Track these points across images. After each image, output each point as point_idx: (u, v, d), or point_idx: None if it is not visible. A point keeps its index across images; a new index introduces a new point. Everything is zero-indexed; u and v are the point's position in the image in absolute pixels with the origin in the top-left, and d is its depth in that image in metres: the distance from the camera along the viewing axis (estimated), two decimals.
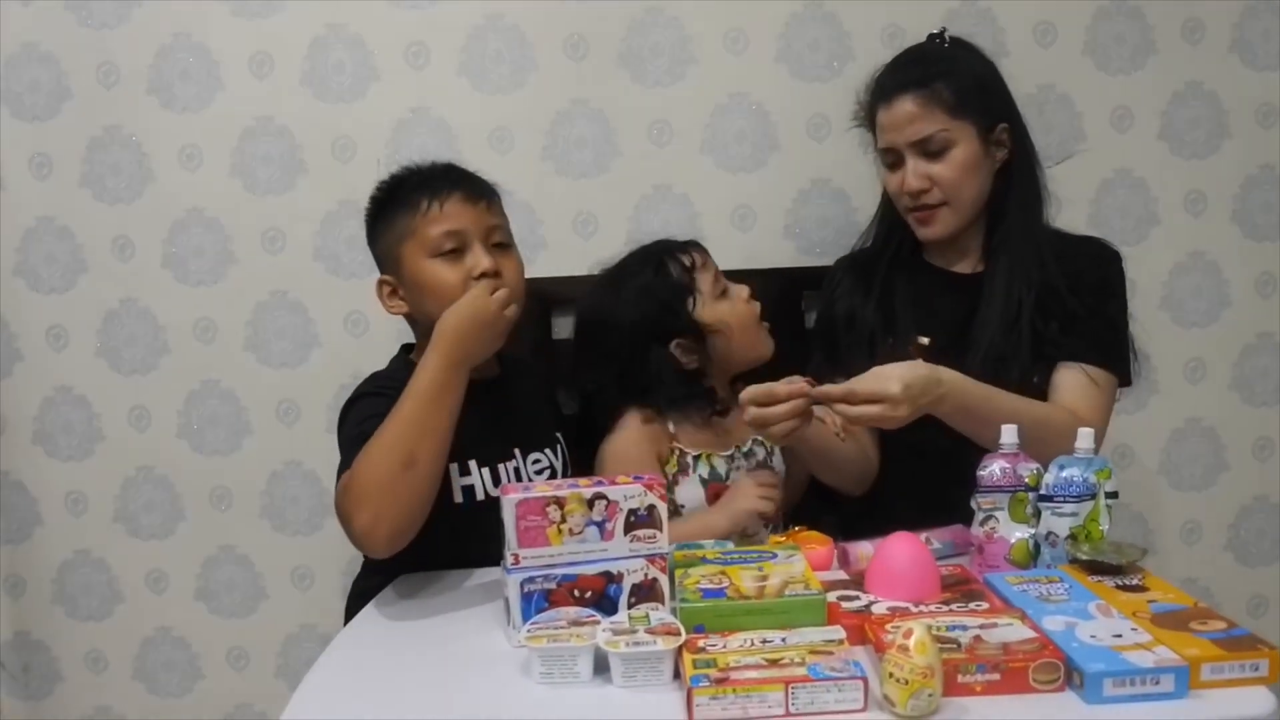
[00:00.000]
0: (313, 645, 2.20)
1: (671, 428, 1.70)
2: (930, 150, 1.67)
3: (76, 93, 2.08)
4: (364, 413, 1.51)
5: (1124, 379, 1.72)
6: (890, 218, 1.81)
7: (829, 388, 1.50)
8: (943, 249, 1.78)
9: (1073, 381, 1.67)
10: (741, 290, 1.73)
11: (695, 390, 1.70)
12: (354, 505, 1.38)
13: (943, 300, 1.76)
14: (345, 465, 1.47)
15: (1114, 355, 1.70)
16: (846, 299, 1.81)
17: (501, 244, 1.61)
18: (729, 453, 1.72)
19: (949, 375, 1.52)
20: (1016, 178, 1.72)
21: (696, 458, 1.69)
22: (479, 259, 1.56)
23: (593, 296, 1.76)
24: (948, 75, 1.67)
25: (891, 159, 1.72)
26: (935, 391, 1.50)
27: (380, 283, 1.62)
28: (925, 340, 1.63)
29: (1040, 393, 1.66)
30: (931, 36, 1.75)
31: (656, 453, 1.69)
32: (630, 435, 1.70)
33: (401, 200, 1.59)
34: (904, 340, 1.72)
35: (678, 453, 1.69)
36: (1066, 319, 1.67)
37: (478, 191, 1.60)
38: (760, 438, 1.74)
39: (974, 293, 1.73)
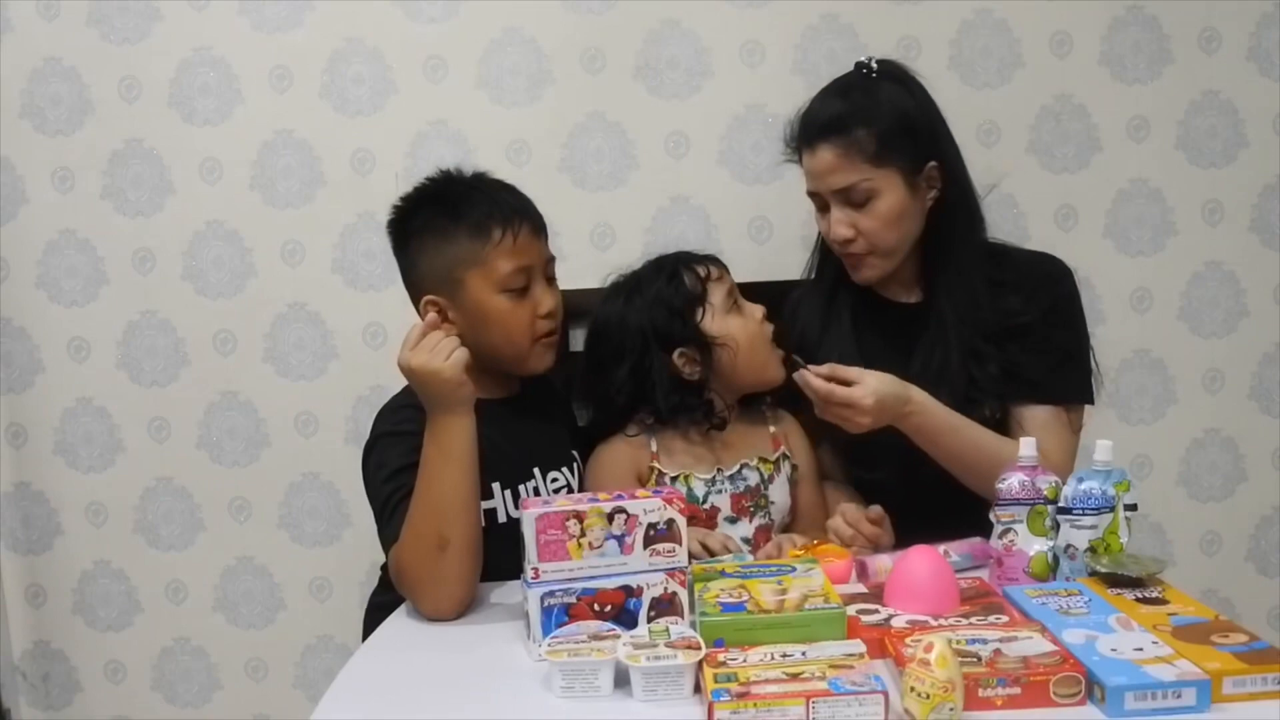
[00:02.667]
0: (331, 656, 2.21)
1: (654, 447, 1.68)
2: (854, 200, 1.60)
3: (98, 106, 2.10)
4: (386, 462, 1.49)
5: (1088, 401, 1.70)
6: (828, 251, 1.76)
7: (811, 379, 1.52)
8: (884, 281, 1.73)
9: (1036, 422, 1.63)
10: (756, 310, 1.69)
11: (690, 401, 1.68)
12: (410, 593, 1.43)
13: (884, 331, 1.72)
14: (380, 523, 1.49)
15: (1073, 386, 1.67)
16: (799, 336, 1.76)
17: (551, 277, 1.61)
18: (709, 475, 1.67)
19: (920, 396, 1.55)
20: (951, 211, 1.65)
21: (674, 479, 1.66)
22: (543, 297, 1.56)
23: (606, 302, 1.74)
24: (869, 119, 1.58)
25: (819, 202, 1.66)
26: (902, 409, 1.53)
27: (427, 304, 1.53)
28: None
29: (993, 423, 1.63)
30: (859, 65, 1.66)
31: (636, 472, 1.67)
32: (610, 454, 1.69)
33: (467, 220, 1.53)
34: None
35: (656, 473, 1.67)
36: (1017, 348, 1.64)
37: (540, 223, 1.59)
38: (754, 463, 1.71)
39: (917, 322, 1.69)
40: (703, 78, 2.09)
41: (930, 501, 1.54)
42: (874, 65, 1.64)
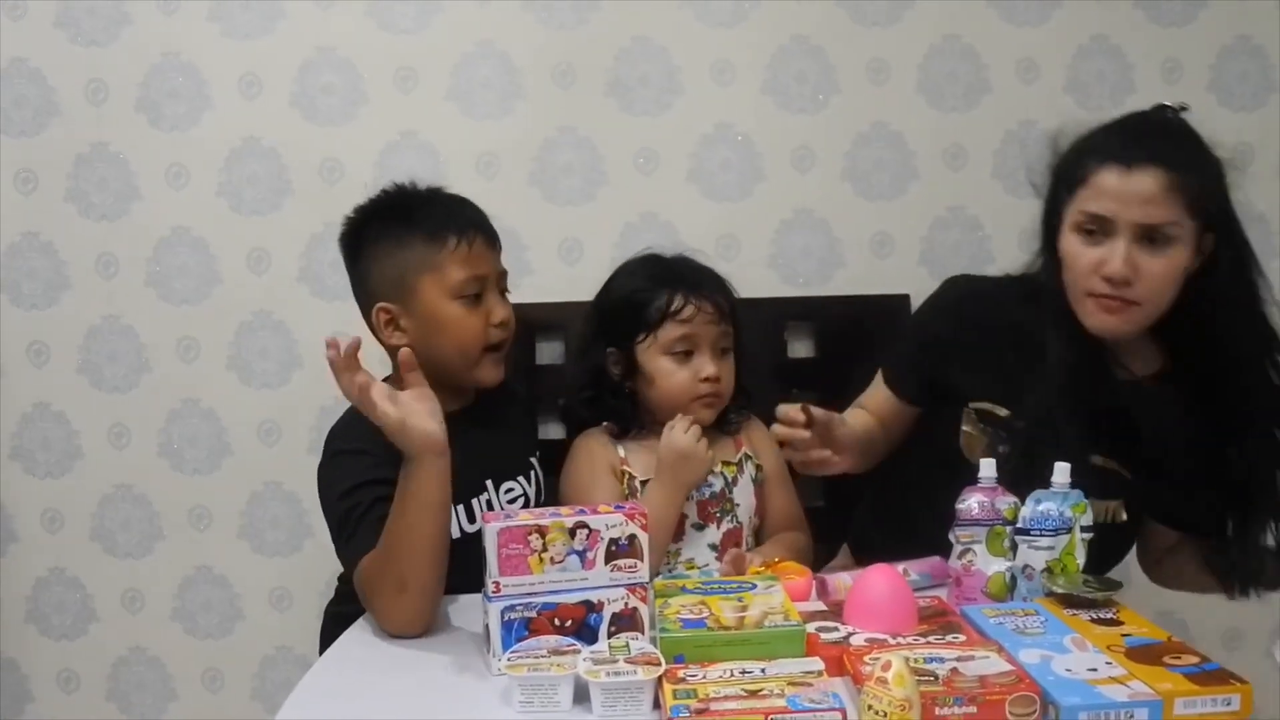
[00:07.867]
0: (289, 667, 2.19)
1: (621, 452, 1.70)
2: (1150, 240, 1.47)
3: (65, 109, 2.08)
4: (340, 479, 1.48)
5: None
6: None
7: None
8: (1116, 345, 1.58)
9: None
10: (704, 368, 1.65)
11: (605, 400, 1.71)
12: (376, 615, 1.41)
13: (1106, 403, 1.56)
14: (338, 543, 1.48)
15: None
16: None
17: (504, 290, 1.64)
18: None
19: None
20: (1220, 288, 1.52)
21: (644, 483, 1.67)
22: (496, 307, 1.59)
23: (631, 260, 1.77)
24: (1200, 166, 1.49)
25: (1095, 228, 1.49)
26: None
27: (378, 310, 1.57)
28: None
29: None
30: (1166, 108, 1.56)
31: (611, 468, 1.69)
32: (587, 446, 1.71)
33: (423, 226, 1.55)
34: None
35: (626, 476, 1.68)
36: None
37: (494, 236, 1.62)
38: (718, 469, 1.71)
39: (1146, 402, 1.58)
40: (673, 95, 2.10)
41: None
42: (1182, 109, 1.55)
